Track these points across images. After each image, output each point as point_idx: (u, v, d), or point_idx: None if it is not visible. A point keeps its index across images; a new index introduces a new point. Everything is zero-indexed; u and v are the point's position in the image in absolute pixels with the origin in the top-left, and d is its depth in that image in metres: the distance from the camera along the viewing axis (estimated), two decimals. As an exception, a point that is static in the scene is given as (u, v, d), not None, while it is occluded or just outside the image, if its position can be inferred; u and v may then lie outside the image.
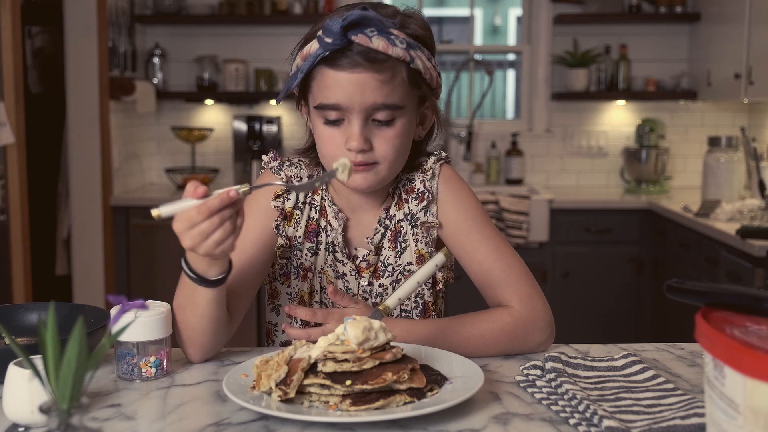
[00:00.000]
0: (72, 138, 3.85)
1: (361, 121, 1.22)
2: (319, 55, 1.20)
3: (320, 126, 1.26)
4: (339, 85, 1.21)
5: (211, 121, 4.42)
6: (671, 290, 0.93)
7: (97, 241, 3.86)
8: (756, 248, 2.69)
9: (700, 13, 4.09)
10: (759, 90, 3.39)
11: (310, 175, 1.38)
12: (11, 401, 0.98)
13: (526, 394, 1.10)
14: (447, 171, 1.37)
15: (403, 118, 1.26)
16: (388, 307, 1.22)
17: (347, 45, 1.19)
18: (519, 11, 4.67)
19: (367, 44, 1.19)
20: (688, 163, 4.37)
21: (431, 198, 1.34)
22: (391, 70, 1.21)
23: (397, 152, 1.26)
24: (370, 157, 1.24)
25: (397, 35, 1.22)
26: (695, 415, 0.96)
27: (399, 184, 1.36)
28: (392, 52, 1.20)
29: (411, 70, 1.24)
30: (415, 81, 1.25)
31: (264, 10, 4.18)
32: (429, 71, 1.27)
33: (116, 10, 3.94)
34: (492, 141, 4.39)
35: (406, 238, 1.35)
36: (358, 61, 1.19)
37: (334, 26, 1.17)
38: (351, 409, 0.99)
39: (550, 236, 3.83)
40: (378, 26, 1.20)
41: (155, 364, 1.16)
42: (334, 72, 1.21)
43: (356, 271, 1.35)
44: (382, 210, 1.35)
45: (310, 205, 1.36)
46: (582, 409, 0.99)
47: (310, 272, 1.35)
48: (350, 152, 1.23)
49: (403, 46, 1.21)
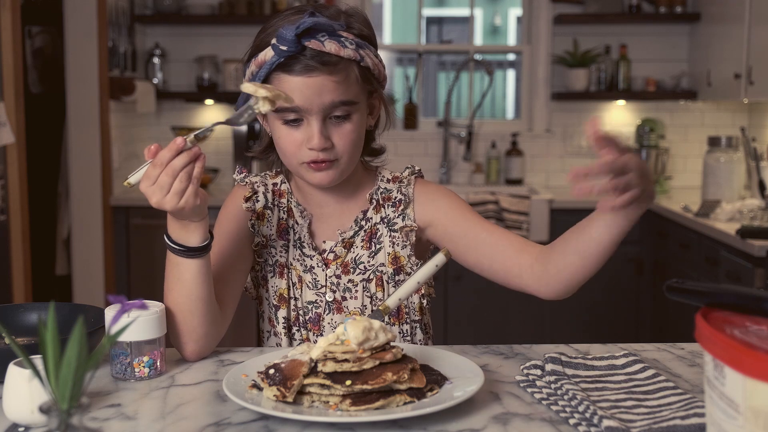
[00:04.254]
0: (72, 138, 3.85)
1: (320, 121, 1.27)
2: (274, 62, 1.26)
3: (279, 127, 1.31)
4: (297, 89, 1.25)
5: (211, 121, 4.42)
6: (671, 290, 0.93)
7: (97, 241, 3.86)
8: (756, 248, 2.69)
9: (700, 13, 4.09)
10: (759, 90, 3.39)
11: (274, 183, 1.44)
12: (11, 401, 0.99)
13: (526, 394, 1.10)
14: (421, 181, 1.43)
15: (358, 113, 1.31)
16: (388, 307, 1.22)
17: (300, 51, 1.25)
18: (519, 11, 4.67)
19: (320, 48, 1.25)
20: (688, 163, 4.37)
21: (407, 202, 1.39)
22: (344, 70, 1.28)
23: (354, 145, 1.32)
24: (332, 154, 1.29)
25: (347, 37, 1.28)
26: (695, 415, 0.96)
27: (377, 192, 1.41)
28: (344, 53, 1.26)
29: (361, 68, 1.30)
30: (365, 77, 1.32)
31: (264, 10, 4.19)
32: (377, 67, 1.34)
33: (116, 10, 3.94)
34: (492, 141, 4.39)
35: (381, 240, 1.39)
36: (313, 65, 1.25)
37: (288, 34, 1.23)
38: (351, 409, 0.99)
39: (550, 236, 3.82)
40: (328, 30, 1.26)
41: (149, 364, 1.16)
42: (290, 77, 1.26)
43: (323, 262, 1.38)
44: (360, 212, 1.39)
45: (278, 207, 1.41)
46: (582, 410, 0.99)
47: (285, 268, 1.39)
48: (311, 151, 1.28)
49: (352, 47, 1.28)
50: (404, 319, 1.39)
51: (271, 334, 1.42)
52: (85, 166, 3.84)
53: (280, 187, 1.43)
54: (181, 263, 1.21)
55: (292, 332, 1.40)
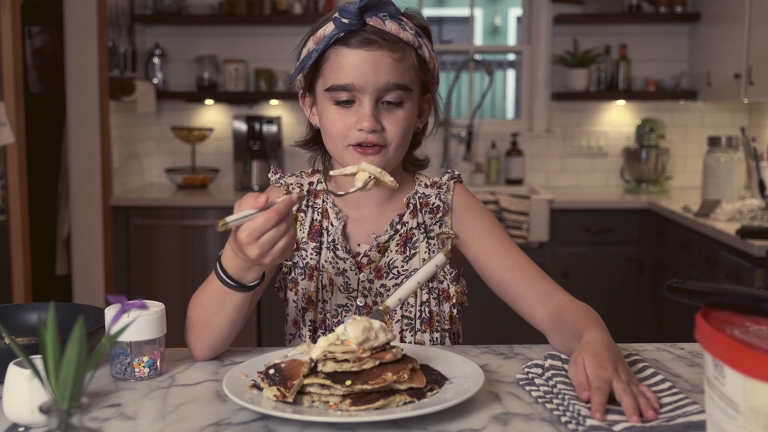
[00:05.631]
0: (72, 138, 3.85)
1: (372, 102, 1.26)
2: (334, 35, 1.25)
3: (330, 108, 1.29)
4: (354, 64, 1.25)
5: (211, 121, 4.42)
6: (671, 290, 0.93)
7: (97, 241, 3.86)
8: (756, 248, 2.69)
9: (700, 13, 4.09)
10: (759, 90, 3.39)
11: (310, 182, 1.41)
12: (11, 401, 0.99)
13: (526, 393, 1.10)
14: (460, 188, 1.41)
15: (410, 102, 1.30)
16: (388, 307, 1.22)
17: (361, 26, 1.25)
18: (519, 11, 4.67)
19: (381, 26, 1.25)
20: (688, 163, 4.37)
21: (446, 210, 1.37)
22: (402, 51, 1.27)
23: (404, 135, 1.29)
24: (381, 138, 1.27)
25: (407, 22, 1.29)
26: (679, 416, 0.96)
27: (415, 196, 1.38)
28: (403, 36, 1.27)
29: (419, 56, 1.30)
30: (422, 67, 1.31)
31: (264, 10, 4.18)
32: (432, 61, 1.33)
33: (116, 10, 3.94)
34: (492, 141, 4.39)
35: (417, 246, 1.36)
36: (373, 39, 1.24)
37: (351, 8, 1.23)
38: (351, 409, 0.99)
39: (550, 236, 3.83)
40: (390, 11, 1.27)
41: (148, 363, 1.16)
42: (349, 50, 1.25)
43: (356, 266, 1.36)
44: (396, 216, 1.36)
45: (313, 209, 1.38)
46: (572, 409, 0.99)
47: (315, 270, 1.37)
48: (360, 132, 1.26)
49: (412, 32, 1.28)
50: (435, 327, 1.37)
51: (295, 337, 1.40)
52: (85, 166, 3.84)
53: (315, 186, 1.40)
54: (228, 293, 1.18)
55: (318, 335, 1.37)
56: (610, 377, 1.02)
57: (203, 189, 4.20)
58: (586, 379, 1.03)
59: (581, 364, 1.06)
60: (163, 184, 4.39)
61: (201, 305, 1.22)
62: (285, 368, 1.03)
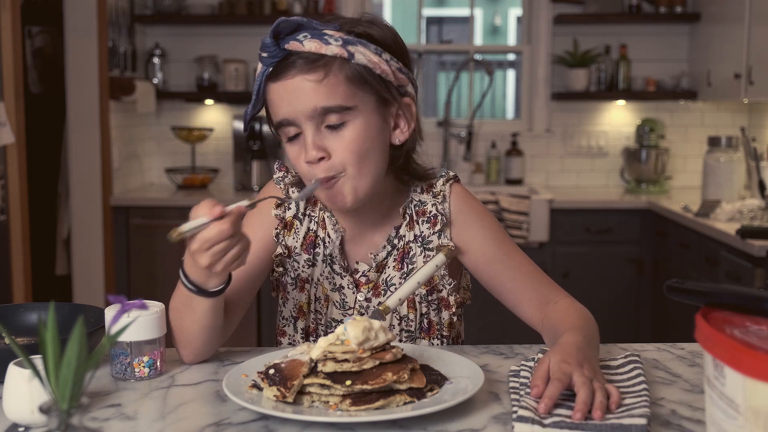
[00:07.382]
0: (72, 138, 3.85)
1: (311, 130, 1.17)
2: (264, 73, 1.18)
3: (286, 146, 1.22)
4: (279, 97, 1.18)
5: (211, 121, 4.42)
6: (671, 290, 0.93)
7: (97, 241, 3.86)
8: (756, 248, 2.69)
9: (700, 13, 4.09)
10: (759, 90, 3.39)
11: None
12: (11, 401, 0.98)
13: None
14: (458, 192, 1.34)
15: (357, 120, 1.18)
16: (388, 307, 1.22)
17: (286, 57, 1.16)
18: (519, 11, 4.67)
19: (299, 48, 1.15)
20: (688, 163, 4.37)
21: (445, 221, 1.31)
22: (324, 68, 1.16)
23: (358, 157, 1.18)
24: (332, 167, 1.18)
25: (333, 35, 1.16)
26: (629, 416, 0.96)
27: (411, 205, 1.32)
28: (325, 50, 1.15)
29: (354, 67, 1.17)
30: (361, 78, 1.18)
31: (264, 10, 4.18)
32: (379, 65, 1.18)
33: (116, 10, 3.94)
34: (492, 141, 4.39)
35: (414, 260, 1.32)
36: (290, 68, 1.16)
37: (266, 39, 1.15)
38: (351, 409, 0.99)
39: (550, 236, 3.83)
40: (311, 29, 1.16)
41: (149, 363, 1.16)
42: (273, 84, 1.18)
43: (354, 285, 1.33)
44: (392, 229, 1.32)
45: (309, 218, 1.34)
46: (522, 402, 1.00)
47: (307, 283, 1.34)
48: (313, 167, 1.18)
49: (338, 44, 1.16)
50: (435, 334, 1.35)
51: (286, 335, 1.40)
52: (85, 166, 3.84)
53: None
54: (194, 298, 1.16)
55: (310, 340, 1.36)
56: (571, 371, 1.02)
57: (203, 189, 4.20)
58: (545, 374, 1.03)
59: (546, 362, 1.05)
60: (163, 184, 4.39)
61: (175, 309, 1.21)
62: (285, 368, 1.03)
